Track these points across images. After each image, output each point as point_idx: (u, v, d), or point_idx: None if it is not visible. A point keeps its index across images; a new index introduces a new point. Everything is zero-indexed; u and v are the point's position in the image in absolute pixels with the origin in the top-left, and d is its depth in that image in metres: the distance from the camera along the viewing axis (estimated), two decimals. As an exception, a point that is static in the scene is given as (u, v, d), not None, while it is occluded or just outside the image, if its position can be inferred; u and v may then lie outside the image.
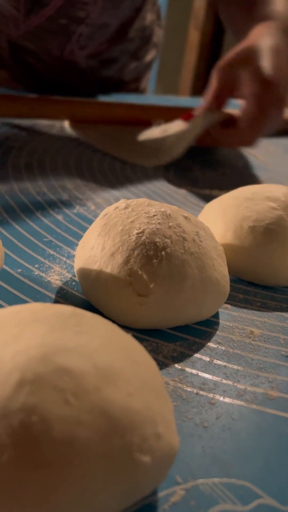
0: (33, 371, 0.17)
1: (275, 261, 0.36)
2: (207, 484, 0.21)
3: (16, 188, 0.48)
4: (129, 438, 0.17)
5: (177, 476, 0.21)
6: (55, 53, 0.75)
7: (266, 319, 0.33)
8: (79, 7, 0.68)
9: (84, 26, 0.70)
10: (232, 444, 0.23)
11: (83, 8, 0.68)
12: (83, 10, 0.68)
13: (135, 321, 0.29)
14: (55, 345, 0.18)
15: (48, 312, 0.21)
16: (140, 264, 0.28)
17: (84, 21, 0.70)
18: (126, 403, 0.18)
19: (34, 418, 0.16)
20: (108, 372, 0.18)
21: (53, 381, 0.17)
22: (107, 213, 0.32)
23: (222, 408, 0.25)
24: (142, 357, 0.20)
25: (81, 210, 0.46)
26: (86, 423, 0.16)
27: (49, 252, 0.38)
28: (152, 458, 0.18)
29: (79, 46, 0.74)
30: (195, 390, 0.26)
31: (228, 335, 0.31)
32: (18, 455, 0.15)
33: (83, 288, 0.31)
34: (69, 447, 0.16)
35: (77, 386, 0.17)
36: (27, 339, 0.18)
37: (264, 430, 0.24)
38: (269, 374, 0.28)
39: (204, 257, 0.30)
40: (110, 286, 0.29)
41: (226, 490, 0.21)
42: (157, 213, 0.31)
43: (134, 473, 0.17)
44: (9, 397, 0.16)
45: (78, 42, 0.73)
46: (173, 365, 0.28)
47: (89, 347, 0.19)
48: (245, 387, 0.27)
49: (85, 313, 0.21)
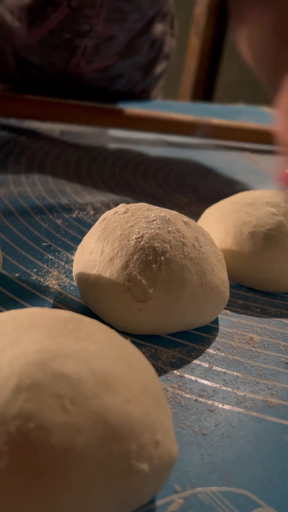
0: (30, 376, 0.17)
1: (275, 267, 0.36)
2: (205, 493, 0.21)
3: (15, 192, 0.48)
4: (127, 445, 0.17)
5: (176, 484, 0.21)
6: (59, 67, 0.74)
7: (266, 325, 0.33)
8: (82, 21, 0.67)
9: (88, 39, 0.69)
10: (231, 452, 0.23)
11: (87, 22, 0.67)
12: (87, 24, 0.67)
13: (134, 327, 0.29)
14: (53, 350, 0.18)
15: (47, 317, 0.21)
16: (139, 269, 0.28)
17: (88, 34, 0.69)
18: (124, 409, 0.17)
19: (31, 425, 0.16)
20: (106, 378, 0.18)
21: (51, 387, 0.17)
22: (106, 217, 0.32)
23: (221, 415, 0.25)
24: (141, 363, 0.20)
25: (80, 214, 0.46)
26: (84, 430, 0.16)
27: (48, 256, 0.37)
28: (150, 466, 0.17)
29: (85, 60, 0.73)
30: (194, 397, 0.26)
31: (228, 341, 0.31)
32: (15, 462, 0.15)
33: (82, 293, 0.31)
34: (67, 454, 0.16)
35: (75, 392, 0.17)
36: (25, 344, 0.18)
37: (264, 437, 0.24)
38: (269, 381, 0.28)
39: (204, 263, 0.30)
40: (109, 291, 0.29)
41: (224, 499, 0.21)
42: (156, 218, 0.30)
43: (132, 481, 0.17)
44: (6, 403, 0.16)
45: (84, 56, 0.72)
46: (172, 371, 0.28)
47: (88, 352, 0.19)
48: (245, 394, 0.27)
49: (83, 318, 0.21)
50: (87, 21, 0.67)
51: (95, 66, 0.76)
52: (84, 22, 0.67)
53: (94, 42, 0.71)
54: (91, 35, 0.69)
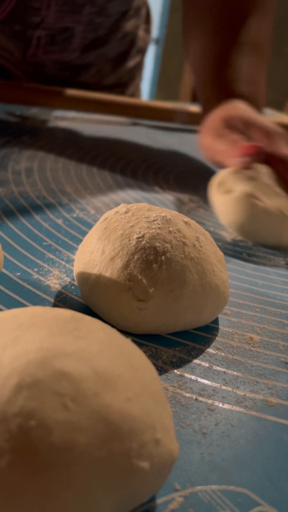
0: (31, 375, 0.17)
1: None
2: (205, 491, 0.21)
3: (16, 192, 0.48)
4: (127, 444, 0.17)
5: (176, 483, 0.21)
6: (17, 55, 0.75)
7: (265, 325, 0.33)
8: (32, 13, 0.68)
9: (40, 30, 0.70)
10: (231, 451, 0.23)
11: (36, 14, 0.68)
12: (37, 16, 0.68)
13: (134, 326, 0.29)
14: (54, 349, 0.18)
15: (47, 316, 0.21)
16: (140, 268, 0.28)
17: (40, 25, 0.69)
18: (125, 408, 0.17)
19: (32, 423, 0.16)
20: (107, 377, 0.18)
21: (52, 386, 0.17)
22: (107, 217, 0.32)
23: (221, 415, 0.25)
24: (142, 362, 0.20)
25: (81, 214, 0.46)
26: (84, 428, 0.16)
27: (49, 256, 0.37)
28: (150, 464, 0.17)
29: (42, 51, 0.74)
30: (194, 396, 0.26)
31: (228, 341, 0.31)
32: (16, 460, 0.15)
33: (82, 292, 0.31)
34: (68, 453, 0.16)
35: (76, 391, 0.17)
36: (26, 343, 0.18)
37: (263, 437, 0.24)
38: (268, 380, 0.28)
39: (204, 262, 0.30)
40: (110, 290, 0.29)
41: (224, 498, 0.21)
42: (157, 217, 0.31)
43: (132, 479, 0.17)
44: (7, 402, 0.16)
45: (39, 46, 0.73)
46: (172, 370, 0.28)
47: (88, 351, 0.19)
48: (245, 393, 0.27)
49: (84, 317, 0.21)
50: (36, 12, 0.68)
51: (55, 57, 0.76)
52: (34, 14, 0.68)
53: (48, 33, 0.71)
54: (42, 26, 0.70)
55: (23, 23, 0.69)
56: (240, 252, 0.44)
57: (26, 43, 0.72)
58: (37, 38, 0.71)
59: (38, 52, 0.74)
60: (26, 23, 0.69)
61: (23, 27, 0.69)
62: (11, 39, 0.71)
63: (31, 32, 0.70)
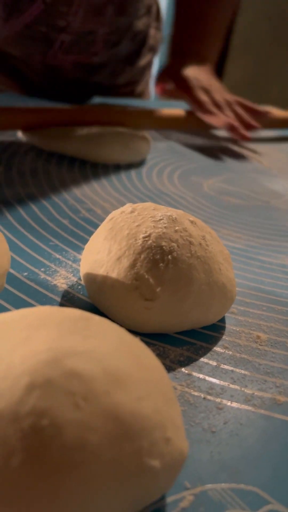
0: (43, 374, 0.17)
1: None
2: (215, 490, 0.21)
3: (22, 193, 0.49)
4: (138, 442, 0.17)
5: (186, 481, 0.21)
6: (38, 58, 0.75)
7: (273, 323, 0.33)
8: (58, 16, 0.68)
9: (65, 34, 0.70)
10: (240, 449, 0.23)
11: (63, 18, 0.68)
12: (63, 20, 0.68)
13: (142, 326, 0.29)
14: (64, 348, 0.18)
15: (56, 315, 0.21)
16: (147, 268, 0.28)
17: (65, 30, 0.69)
18: (135, 407, 0.17)
19: (44, 422, 0.16)
20: (117, 376, 0.18)
21: (63, 385, 0.17)
22: (113, 217, 0.32)
23: (229, 413, 0.25)
24: (151, 361, 0.20)
25: (87, 214, 0.46)
26: (96, 428, 0.16)
27: (55, 256, 0.38)
28: (161, 462, 0.18)
29: (62, 52, 0.74)
30: (203, 395, 0.26)
31: (235, 340, 0.31)
32: (28, 459, 0.15)
33: (89, 292, 0.31)
34: (80, 452, 0.16)
35: (87, 390, 0.17)
36: (36, 343, 0.18)
37: (272, 435, 0.24)
38: (276, 379, 0.28)
39: (211, 261, 0.30)
40: (117, 290, 0.29)
41: (235, 496, 0.21)
42: (163, 217, 0.31)
43: (143, 478, 0.17)
44: (19, 401, 0.16)
45: (61, 48, 0.73)
46: (180, 369, 0.28)
47: (98, 351, 0.19)
48: (253, 392, 0.27)
49: (93, 316, 0.21)
50: (63, 17, 0.68)
51: (75, 59, 0.76)
52: (60, 17, 0.68)
53: (72, 38, 0.72)
54: (68, 30, 0.70)
55: (48, 26, 0.69)
56: (247, 251, 0.44)
57: (48, 45, 0.72)
58: (61, 42, 0.71)
59: (58, 54, 0.74)
60: (51, 26, 0.69)
61: (47, 29, 0.69)
62: (33, 40, 0.71)
63: (55, 35, 0.70)
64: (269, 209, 0.56)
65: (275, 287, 0.38)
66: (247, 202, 0.57)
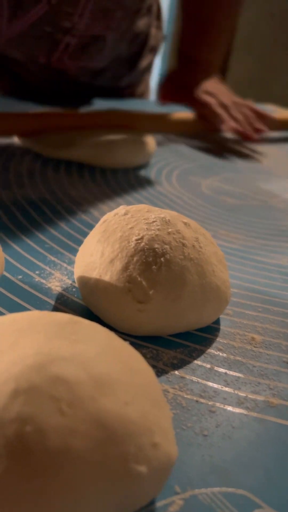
0: (28, 380, 0.17)
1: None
2: (206, 494, 0.21)
3: (18, 194, 0.49)
4: (125, 447, 0.17)
5: (176, 485, 0.21)
6: (41, 60, 0.74)
7: (268, 325, 0.33)
8: (63, 17, 0.67)
9: (70, 36, 0.69)
10: (232, 453, 0.23)
11: (68, 19, 0.67)
12: (68, 21, 0.67)
13: (135, 328, 0.29)
14: (50, 354, 0.18)
15: (45, 320, 0.21)
16: (139, 270, 0.28)
17: (70, 31, 0.68)
18: (122, 412, 0.17)
19: (28, 428, 0.16)
20: (103, 381, 0.18)
21: (48, 391, 0.17)
22: (107, 219, 0.32)
23: (222, 416, 0.25)
24: (139, 366, 0.20)
25: (83, 216, 0.46)
26: (81, 433, 0.16)
27: (50, 258, 0.38)
28: (148, 468, 0.17)
29: (69, 56, 0.73)
30: (195, 398, 0.26)
31: (229, 342, 0.31)
32: (13, 466, 0.15)
33: (83, 294, 0.31)
34: (64, 457, 0.16)
35: (72, 395, 0.17)
36: (23, 348, 0.18)
37: (265, 438, 0.24)
38: (270, 381, 0.28)
39: (204, 263, 0.30)
40: (110, 292, 0.29)
41: (225, 500, 0.21)
42: (156, 219, 0.30)
43: (130, 483, 0.17)
44: (4, 407, 0.16)
45: (67, 52, 0.72)
46: (173, 372, 0.28)
47: (85, 355, 0.19)
48: (246, 394, 0.27)
49: (82, 320, 0.21)
50: (68, 18, 0.67)
51: (82, 64, 0.76)
52: (65, 18, 0.67)
53: (79, 41, 0.71)
54: (73, 32, 0.69)
55: (53, 26, 0.68)
56: (244, 251, 0.44)
57: (53, 46, 0.71)
58: (66, 44, 0.70)
59: (64, 57, 0.73)
60: (56, 26, 0.68)
61: (52, 29, 0.68)
62: (38, 41, 0.70)
63: (60, 36, 0.69)
64: (267, 209, 0.55)
65: (272, 288, 0.38)
66: (245, 202, 0.56)
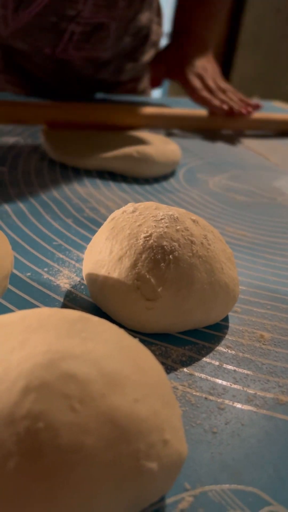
0: (39, 377, 0.17)
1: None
2: (215, 491, 0.21)
3: (26, 192, 0.49)
4: (135, 445, 0.17)
5: (185, 482, 0.21)
6: (47, 51, 0.74)
7: (277, 322, 0.33)
8: (67, 5, 0.67)
9: (75, 24, 0.70)
10: (241, 450, 0.23)
11: (72, 6, 0.67)
12: (73, 8, 0.68)
13: (143, 326, 0.29)
14: (61, 351, 0.18)
15: (55, 317, 0.21)
16: (148, 268, 0.28)
17: (75, 19, 0.69)
18: (132, 409, 0.17)
19: (40, 425, 0.16)
20: (114, 378, 0.18)
21: (59, 388, 0.17)
22: (115, 216, 0.32)
23: (231, 414, 0.25)
24: (149, 363, 0.20)
25: (91, 213, 0.46)
26: (92, 430, 0.16)
27: (59, 255, 0.38)
28: (159, 465, 0.17)
29: (73, 46, 0.73)
30: (204, 395, 0.26)
31: (238, 339, 0.31)
32: (24, 462, 0.15)
33: (91, 292, 0.31)
34: (75, 454, 0.16)
35: (83, 392, 0.17)
36: (33, 346, 0.18)
37: (274, 435, 0.24)
38: (279, 378, 0.28)
39: (212, 261, 0.30)
40: (118, 290, 0.29)
41: (235, 497, 0.21)
42: (164, 216, 0.30)
43: (140, 480, 0.17)
44: (15, 404, 0.16)
45: (72, 41, 0.72)
46: (182, 369, 0.28)
47: (95, 353, 0.19)
48: (255, 392, 0.27)
49: (92, 318, 0.21)
50: (72, 5, 0.68)
51: (86, 54, 0.76)
52: (70, 6, 0.68)
53: (83, 29, 0.71)
54: (78, 20, 0.69)
55: (58, 15, 0.68)
56: (252, 248, 0.43)
57: (58, 36, 0.71)
58: (70, 33, 0.71)
59: (69, 47, 0.73)
60: (61, 15, 0.68)
61: (57, 19, 0.69)
62: (43, 31, 0.70)
63: (65, 25, 0.69)
64: (276, 206, 0.55)
65: (280, 285, 0.38)
66: (253, 199, 0.56)
